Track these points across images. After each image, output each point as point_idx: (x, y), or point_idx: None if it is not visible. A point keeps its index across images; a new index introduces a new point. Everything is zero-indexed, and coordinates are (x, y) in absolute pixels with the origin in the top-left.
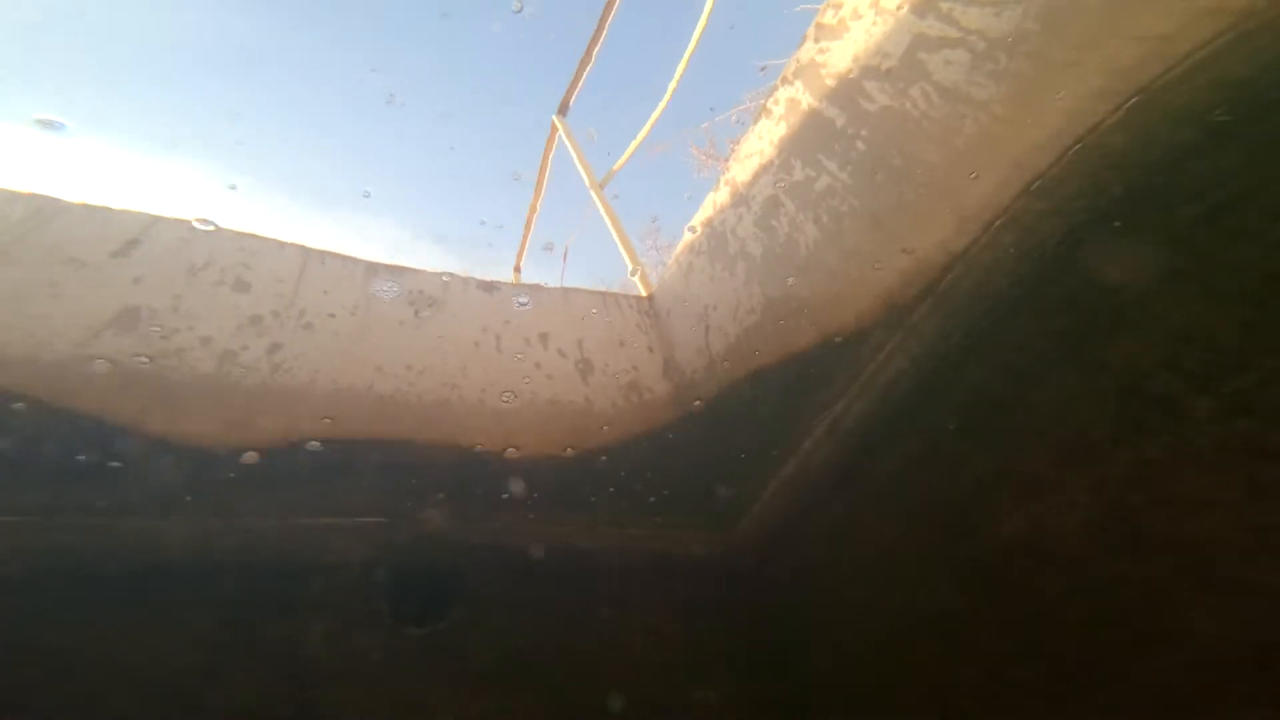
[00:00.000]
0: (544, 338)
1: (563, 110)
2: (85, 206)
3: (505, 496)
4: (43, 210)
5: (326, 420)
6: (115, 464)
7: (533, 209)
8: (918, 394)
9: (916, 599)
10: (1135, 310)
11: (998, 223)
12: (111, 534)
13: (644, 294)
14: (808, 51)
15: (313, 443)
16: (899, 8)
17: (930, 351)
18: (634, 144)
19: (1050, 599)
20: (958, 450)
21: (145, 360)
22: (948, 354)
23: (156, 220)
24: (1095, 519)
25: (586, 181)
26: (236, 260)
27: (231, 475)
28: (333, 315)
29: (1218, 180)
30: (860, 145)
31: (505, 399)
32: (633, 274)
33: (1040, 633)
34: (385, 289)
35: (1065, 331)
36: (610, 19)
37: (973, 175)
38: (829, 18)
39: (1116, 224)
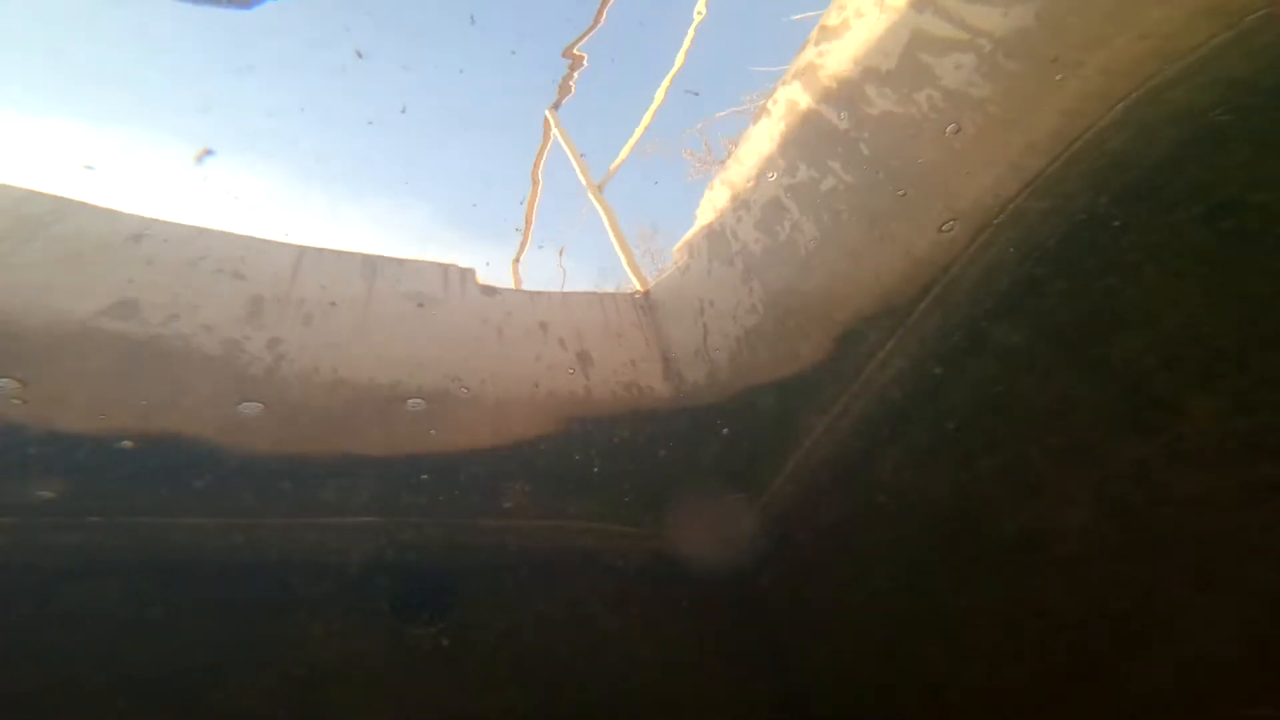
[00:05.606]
0: (544, 327)
1: (556, 105)
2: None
3: (502, 492)
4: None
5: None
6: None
7: (530, 206)
8: (918, 394)
9: (917, 598)
10: (1135, 310)
11: (997, 221)
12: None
13: (641, 291)
14: (807, 55)
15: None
16: (901, 9)
17: (930, 351)
18: (629, 143)
19: (1051, 598)
20: (958, 450)
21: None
22: (948, 353)
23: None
24: (1095, 518)
25: (582, 180)
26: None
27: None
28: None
29: (1218, 180)
30: (863, 148)
31: (503, 391)
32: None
33: (1041, 632)
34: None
35: (1065, 331)
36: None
37: (971, 175)
38: (833, 19)
39: (1116, 223)
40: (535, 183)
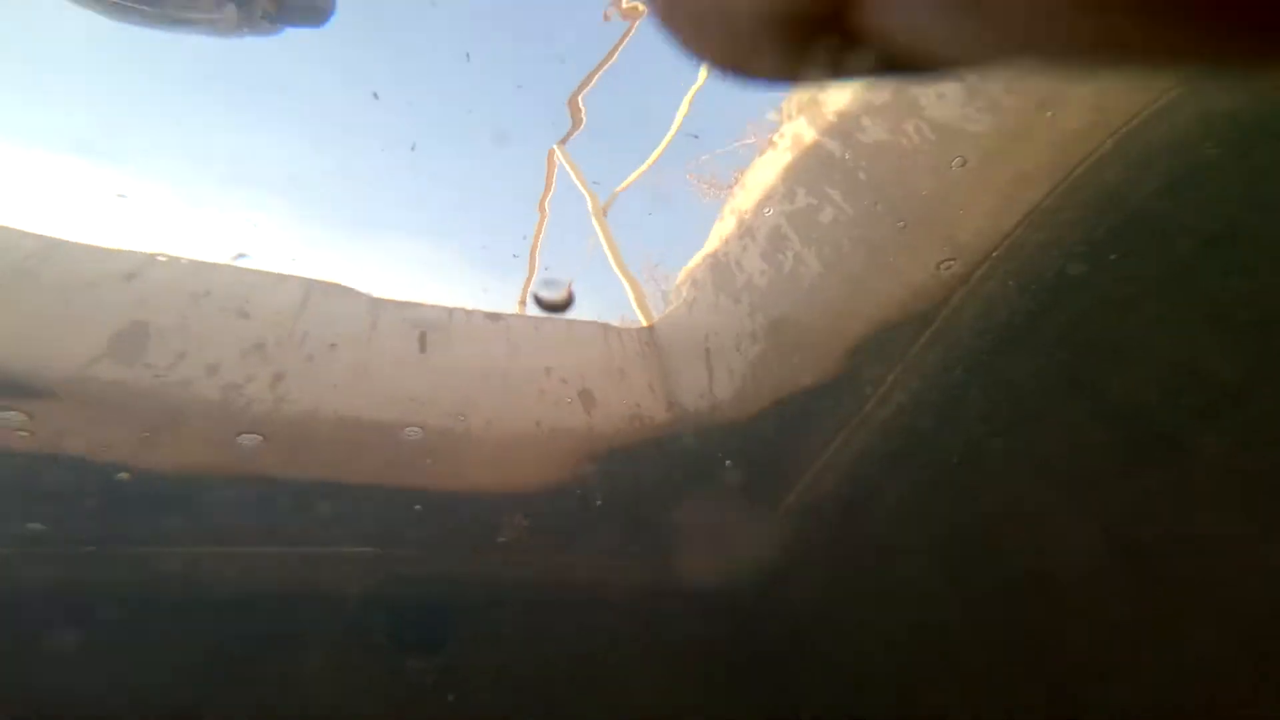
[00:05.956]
0: (548, 370)
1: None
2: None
3: (502, 525)
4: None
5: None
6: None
7: (536, 239)
8: (920, 427)
9: (922, 633)
10: (1134, 343)
11: (995, 254)
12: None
13: (646, 324)
14: (808, 90)
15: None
16: None
17: (932, 384)
18: (636, 173)
19: (1058, 634)
20: (962, 483)
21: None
22: (949, 387)
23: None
24: (1102, 555)
25: (590, 207)
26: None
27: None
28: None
29: (1214, 212)
30: (860, 175)
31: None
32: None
33: (1046, 667)
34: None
35: (1067, 364)
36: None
37: (969, 206)
38: None
39: (1113, 256)
40: (537, 234)
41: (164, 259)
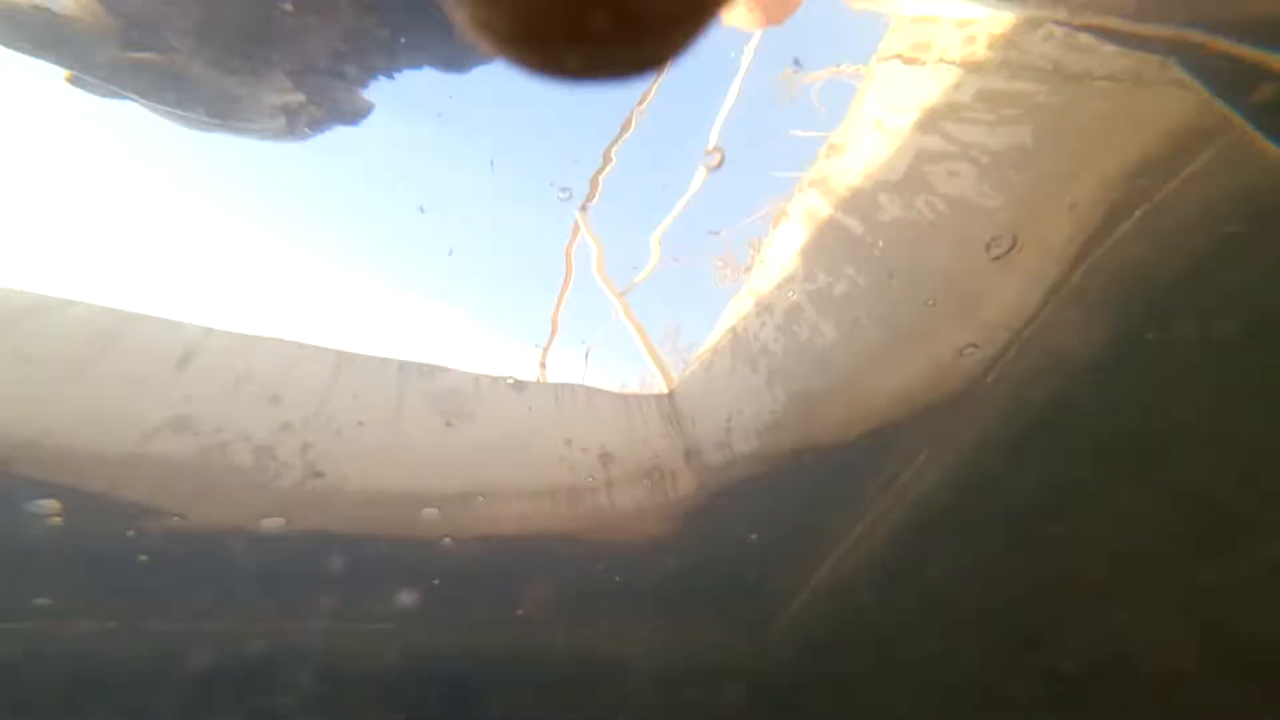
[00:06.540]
0: (569, 441)
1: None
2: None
3: (523, 598)
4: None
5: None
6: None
7: (557, 308)
8: (957, 504)
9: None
10: (1190, 427)
11: (1026, 332)
12: None
13: (666, 390)
14: (820, 168)
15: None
16: (903, 128)
17: (966, 462)
18: (653, 263)
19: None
20: (1008, 561)
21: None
22: (986, 465)
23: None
24: (1169, 643)
25: (606, 290)
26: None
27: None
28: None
29: (1247, 293)
30: (877, 252)
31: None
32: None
33: None
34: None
35: (1114, 448)
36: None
37: (993, 283)
38: (838, 137)
39: (1150, 336)
40: (559, 303)
41: (213, 336)
